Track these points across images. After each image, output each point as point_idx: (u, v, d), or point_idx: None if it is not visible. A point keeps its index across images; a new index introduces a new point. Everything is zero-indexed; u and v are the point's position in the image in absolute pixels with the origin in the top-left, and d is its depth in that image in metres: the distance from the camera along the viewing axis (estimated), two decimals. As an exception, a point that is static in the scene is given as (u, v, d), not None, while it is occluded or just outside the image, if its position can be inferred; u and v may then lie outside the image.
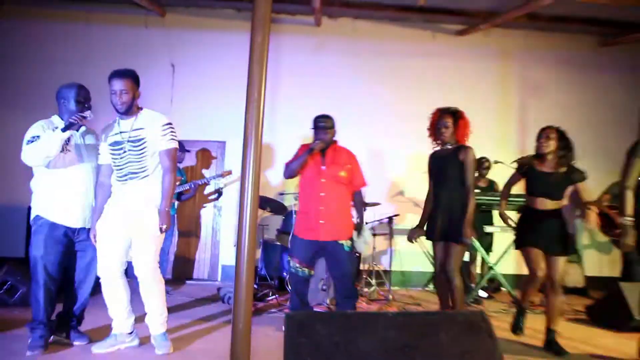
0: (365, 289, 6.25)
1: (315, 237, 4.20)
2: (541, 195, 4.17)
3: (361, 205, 4.59)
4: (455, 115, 4.22)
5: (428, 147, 4.47)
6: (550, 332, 4.13)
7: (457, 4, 7.17)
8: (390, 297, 6.10)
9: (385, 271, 6.90)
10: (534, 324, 4.55)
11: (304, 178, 4.34)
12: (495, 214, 6.61)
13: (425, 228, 4.35)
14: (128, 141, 3.53)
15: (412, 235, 4.42)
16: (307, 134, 4.57)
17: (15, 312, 4.45)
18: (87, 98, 3.71)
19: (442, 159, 4.26)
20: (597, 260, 7.48)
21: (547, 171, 4.16)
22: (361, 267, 6.50)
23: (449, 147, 4.24)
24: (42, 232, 3.55)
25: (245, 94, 2.68)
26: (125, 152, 3.54)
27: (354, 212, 4.51)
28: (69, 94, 3.65)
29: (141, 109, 3.68)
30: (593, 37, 8.00)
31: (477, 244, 6.20)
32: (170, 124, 3.64)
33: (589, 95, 7.83)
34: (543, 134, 4.19)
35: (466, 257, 6.95)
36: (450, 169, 4.18)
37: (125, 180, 3.55)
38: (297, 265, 4.25)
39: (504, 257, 6.28)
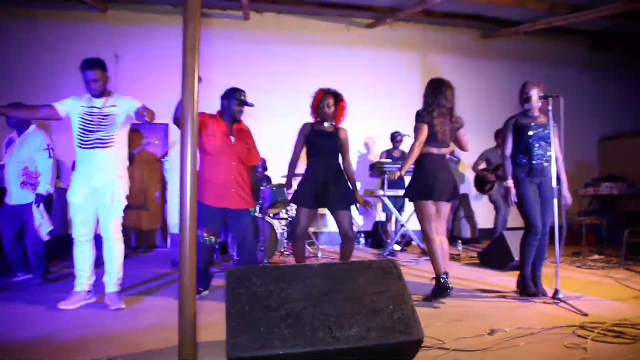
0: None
1: (226, 204, 3.83)
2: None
3: (256, 179, 4.30)
4: (337, 97, 4.02)
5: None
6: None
7: (366, 1, 7.23)
8: (319, 254, 6.17)
9: (315, 232, 6.98)
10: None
11: (210, 146, 3.80)
12: (407, 179, 6.76)
13: (296, 195, 4.06)
14: (100, 114, 3.44)
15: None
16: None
17: None
18: None
19: (324, 134, 4.03)
20: (485, 214, 7.83)
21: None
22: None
23: (326, 125, 4.04)
24: None
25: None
26: (96, 122, 3.43)
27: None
28: None
29: (111, 92, 3.57)
30: (476, 31, 8.36)
31: (390, 205, 6.36)
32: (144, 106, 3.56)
33: (475, 78, 8.09)
34: (449, 90, 3.82)
35: (382, 217, 7.17)
36: (333, 145, 4.03)
37: (92, 147, 3.43)
38: (205, 234, 3.79)
39: (414, 215, 6.46)
